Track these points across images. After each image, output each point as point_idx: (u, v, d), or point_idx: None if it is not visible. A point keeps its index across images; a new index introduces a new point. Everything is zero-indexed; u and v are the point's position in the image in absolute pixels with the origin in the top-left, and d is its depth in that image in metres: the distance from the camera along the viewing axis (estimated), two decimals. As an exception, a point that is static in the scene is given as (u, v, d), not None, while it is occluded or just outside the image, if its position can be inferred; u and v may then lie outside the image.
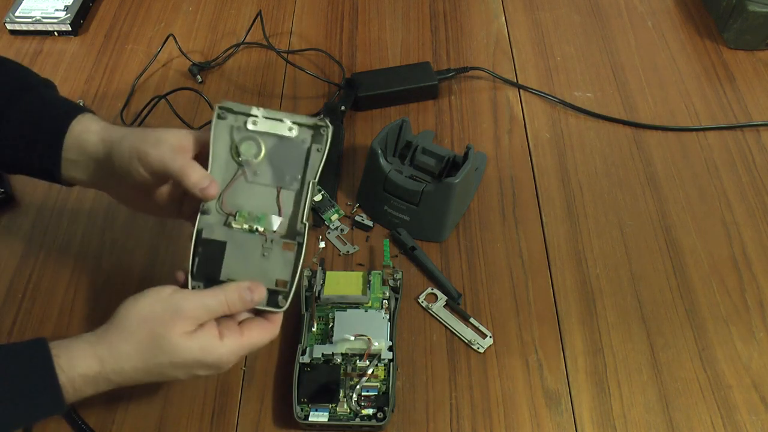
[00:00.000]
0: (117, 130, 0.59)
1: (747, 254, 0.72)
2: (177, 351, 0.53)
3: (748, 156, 0.81)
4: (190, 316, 0.53)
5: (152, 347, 0.53)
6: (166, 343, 0.52)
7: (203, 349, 0.53)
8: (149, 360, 0.53)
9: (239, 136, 0.58)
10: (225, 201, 0.58)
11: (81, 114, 0.60)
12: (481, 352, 0.66)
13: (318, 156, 0.58)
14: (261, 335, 0.56)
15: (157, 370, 0.53)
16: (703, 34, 0.95)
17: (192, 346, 0.53)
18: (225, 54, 0.93)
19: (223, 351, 0.54)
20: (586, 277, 0.71)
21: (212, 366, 0.54)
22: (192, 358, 0.53)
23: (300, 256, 0.58)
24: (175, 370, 0.54)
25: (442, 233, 0.73)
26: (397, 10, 1.00)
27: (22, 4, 0.97)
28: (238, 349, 0.55)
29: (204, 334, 0.53)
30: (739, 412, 0.62)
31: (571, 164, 0.81)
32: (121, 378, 0.53)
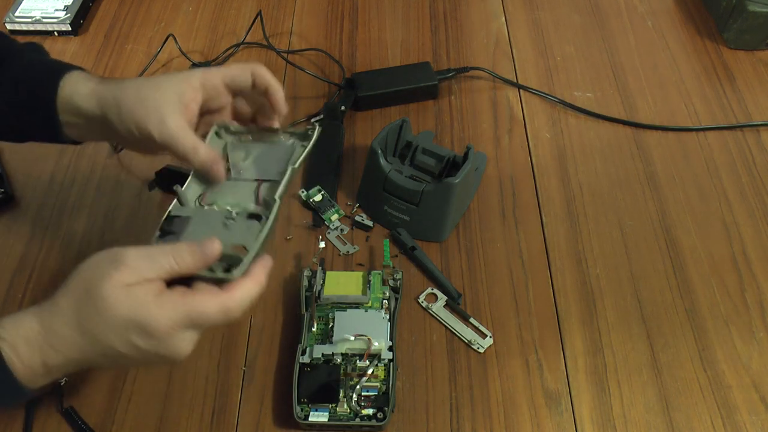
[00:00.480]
0: (108, 90, 0.57)
1: (747, 254, 0.72)
2: (106, 303, 0.47)
3: (748, 156, 0.81)
4: (129, 266, 0.47)
5: (85, 299, 0.48)
6: (97, 294, 0.47)
7: (134, 303, 0.47)
8: (80, 314, 0.48)
9: (231, 147, 0.59)
10: (205, 196, 0.58)
11: (67, 73, 0.58)
12: (481, 352, 0.66)
13: (301, 149, 0.58)
14: (207, 299, 0.48)
15: (91, 330, 0.48)
16: (703, 34, 0.95)
17: (123, 300, 0.47)
18: (225, 54, 0.93)
19: (154, 308, 0.47)
20: (586, 277, 0.71)
21: (144, 328, 0.47)
22: (121, 314, 0.47)
23: (264, 227, 0.54)
24: (107, 330, 0.47)
25: (442, 233, 0.73)
26: (397, 10, 1.00)
27: (22, 4, 0.97)
28: (175, 313, 0.47)
29: (141, 290, 0.47)
30: (739, 412, 0.62)
31: (571, 164, 0.81)
32: (60, 341, 0.48)
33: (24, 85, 0.59)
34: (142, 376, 0.64)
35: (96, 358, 0.49)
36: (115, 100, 0.56)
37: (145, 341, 0.47)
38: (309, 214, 0.76)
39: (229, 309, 0.49)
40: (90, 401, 0.63)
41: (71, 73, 0.59)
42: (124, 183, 0.79)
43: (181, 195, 0.56)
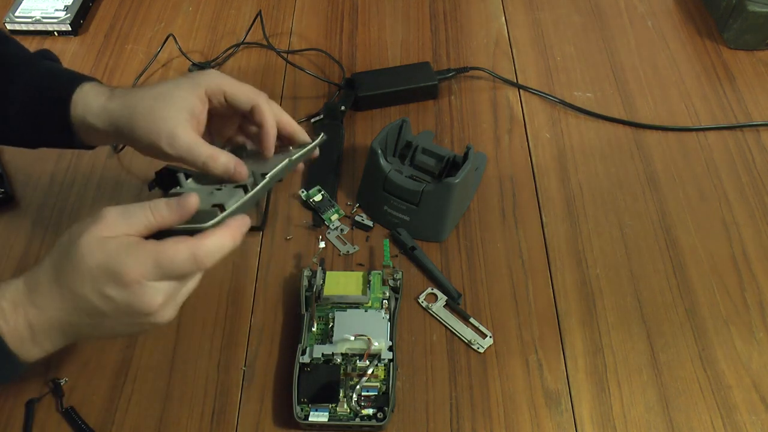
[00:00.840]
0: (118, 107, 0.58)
1: (747, 254, 0.72)
2: (81, 254, 0.48)
3: (748, 156, 0.81)
4: (107, 220, 0.49)
5: (63, 253, 0.49)
6: (75, 246, 0.48)
7: (107, 254, 0.48)
8: (59, 269, 0.49)
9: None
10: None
11: (78, 88, 0.60)
12: (481, 352, 0.66)
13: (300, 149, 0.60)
14: (176, 248, 0.48)
15: (68, 284, 0.49)
16: (703, 34, 0.95)
17: (97, 251, 0.48)
18: (225, 54, 0.93)
19: (124, 253, 0.48)
20: (586, 277, 0.71)
21: (116, 277, 0.47)
22: (95, 265, 0.48)
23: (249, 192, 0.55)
24: (82, 283, 0.48)
25: (442, 233, 0.73)
26: (397, 10, 1.00)
27: (22, 4, 0.97)
28: (144, 259, 0.48)
29: (115, 241, 0.48)
30: (739, 412, 0.62)
31: (571, 164, 0.81)
32: (41, 297, 0.49)
33: (37, 97, 0.61)
34: (142, 376, 0.64)
35: (75, 316, 0.50)
36: (125, 117, 0.57)
37: (117, 291, 0.48)
38: (309, 214, 0.76)
39: (197, 256, 0.49)
40: (90, 401, 0.63)
41: (82, 88, 0.60)
42: (124, 183, 0.79)
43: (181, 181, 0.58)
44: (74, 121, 0.60)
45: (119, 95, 0.59)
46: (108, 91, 0.60)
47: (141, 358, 0.66)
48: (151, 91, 0.58)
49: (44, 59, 0.65)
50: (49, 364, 0.65)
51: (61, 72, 0.63)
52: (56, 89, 0.61)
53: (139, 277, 0.48)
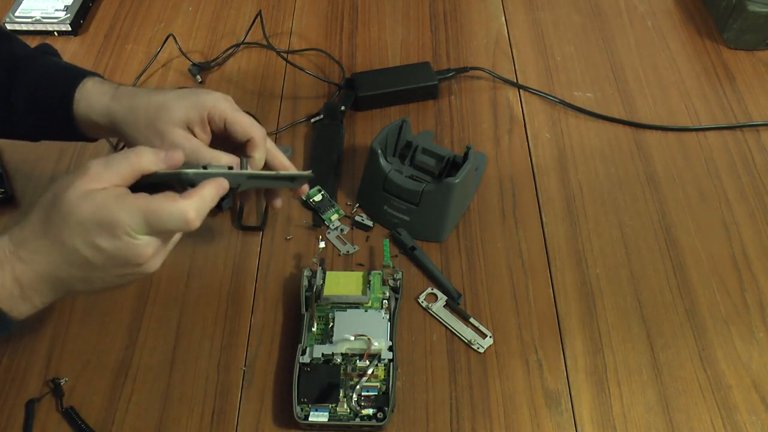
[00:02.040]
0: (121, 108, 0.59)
1: (747, 254, 0.72)
2: (70, 206, 0.48)
3: (748, 156, 0.81)
4: (91, 172, 0.49)
5: (50, 207, 0.49)
6: (63, 199, 0.49)
7: (97, 205, 0.48)
8: (47, 222, 0.49)
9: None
10: None
11: (81, 84, 0.60)
12: (481, 352, 0.66)
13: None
14: (165, 202, 0.49)
15: (57, 237, 0.49)
16: (703, 34, 0.95)
17: (86, 202, 0.48)
18: (225, 54, 0.93)
19: (115, 205, 0.48)
20: (586, 277, 0.71)
21: (106, 226, 0.48)
22: (85, 216, 0.48)
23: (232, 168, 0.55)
24: (72, 235, 0.48)
25: (442, 233, 0.73)
26: (397, 10, 1.00)
27: (22, 4, 0.97)
28: (135, 210, 0.48)
29: (103, 192, 0.49)
30: (739, 412, 0.62)
31: (571, 164, 0.81)
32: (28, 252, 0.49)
33: (40, 93, 0.62)
34: (142, 376, 0.64)
35: (64, 269, 0.50)
36: (129, 124, 0.59)
37: (107, 241, 0.48)
38: (309, 214, 0.76)
39: (184, 212, 0.50)
40: (90, 401, 0.63)
41: (84, 84, 0.61)
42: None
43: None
44: (77, 116, 0.61)
45: (122, 96, 0.60)
46: (111, 89, 0.61)
47: (141, 358, 0.66)
48: (155, 100, 0.59)
49: (45, 54, 0.65)
50: (49, 364, 0.65)
51: (63, 68, 0.64)
52: (59, 86, 0.61)
53: (129, 228, 0.48)
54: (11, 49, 0.64)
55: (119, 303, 0.69)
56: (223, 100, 0.60)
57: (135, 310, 0.69)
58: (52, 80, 0.62)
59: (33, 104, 0.62)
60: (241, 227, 0.75)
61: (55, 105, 0.61)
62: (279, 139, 0.84)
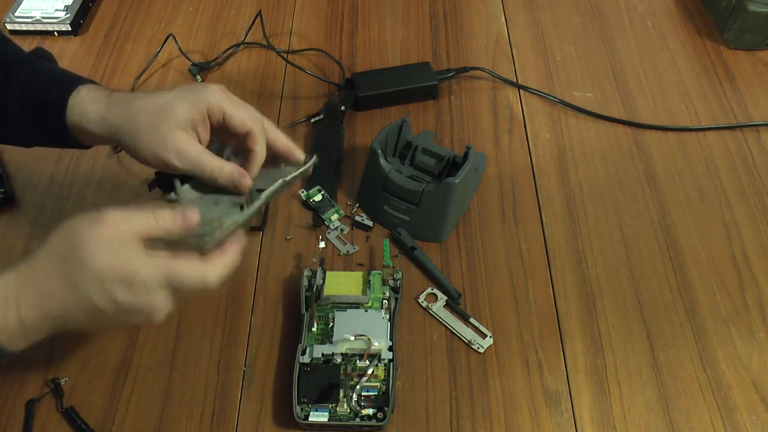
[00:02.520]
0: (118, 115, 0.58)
1: (747, 254, 0.72)
2: (88, 257, 0.48)
3: (748, 156, 0.81)
4: (110, 223, 0.49)
5: (66, 254, 0.49)
6: (79, 248, 0.49)
7: (116, 256, 0.49)
8: (62, 269, 0.49)
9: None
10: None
11: (74, 92, 0.59)
12: (481, 352, 0.66)
13: (294, 169, 0.61)
14: (186, 264, 0.51)
15: (71, 284, 0.49)
16: (703, 34, 0.95)
17: (108, 254, 0.49)
18: (225, 54, 0.93)
19: (136, 260, 0.49)
20: (586, 277, 0.71)
21: (125, 279, 0.48)
22: (103, 267, 0.48)
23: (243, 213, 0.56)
24: (88, 284, 0.49)
25: (442, 233, 0.73)
26: (397, 10, 1.00)
27: (22, 4, 0.97)
28: (157, 268, 0.49)
29: (121, 244, 0.49)
30: (739, 412, 0.62)
31: (571, 164, 0.81)
32: (37, 295, 0.49)
33: (32, 99, 0.61)
34: (142, 376, 0.64)
35: (72, 313, 0.50)
36: (127, 130, 0.57)
37: (125, 294, 0.49)
38: (309, 214, 0.76)
39: (206, 277, 0.51)
40: (90, 401, 0.63)
41: (78, 92, 0.60)
42: (124, 183, 0.79)
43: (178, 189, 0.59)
44: (70, 125, 0.60)
45: (117, 103, 0.59)
46: (105, 96, 0.60)
47: (141, 358, 0.66)
48: (153, 103, 0.58)
49: (40, 59, 0.65)
50: (49, 364, 0.65)
51: (57, 74, 0.63)
52: (52, 93, 0.60)
53: (151, 285, 0.49)
54: (5, 51, 0.64)
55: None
56: (220, 93, 0.59)
57: (135, 310, 0.69)
58: (46, 85, 0.61)
59: (26, 109, 0.61)
60: (241, 227, 0.75)
61: (48, 111, 0.60)
62: (279, 139, 0.84)
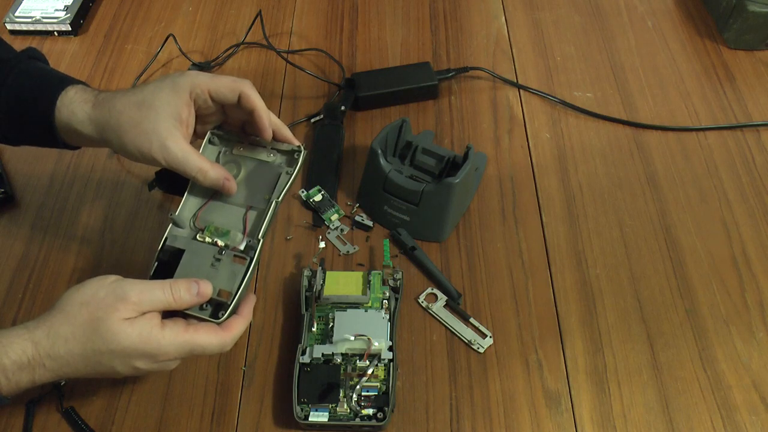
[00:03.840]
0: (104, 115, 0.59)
1: (747, 254, 0.72)
2: (115, 336, 0.51)
3: (748, 156, 0.81)
4: (132, 302, 0.52)
5: (90, 331, 0.51)
6: (105, 327, 0.51)
7: (142, 335, 0.52)
8: (86, 344, 0.51)
9: (224, 160, 0.63)
10: (199, 217, 0.61)
11: (62, 92, 0.60)
12: (481, 352, 0.66)
13: (286, 178, 0.62)
14: (208, 337, 0.55)
15: (95, 357, 0.52)
16: (703, 34, 0.95)
17: (131, 333, 0.52)
18: (225, 54, 0.93)
19: (163, 341, 0.52)
20: (586, 277, 0.71)
21: (151, 356, 0.53)
22: (130, 345, 0.52)
23: (248, 270, 0.58)
24: (112, 358, 0.52)
25: (442, 233, 0.73)
26: (397, 10, 1.00)
27: (22, 4, 0.97)
28: (179, 343, 0.53)
29: (145, 322, 0.52)
30: (739, 412, 0.62)
31: (571, 164, 0.81)
32: (57, 364, 0.52)
33: (21, 99, 0.61)
34: (142, 376, 0.64)
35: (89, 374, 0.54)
36: (113, 128, 0.58)
37: (147, 365, 0.54)
38: (309, 214, 0.76)
39: (225, 344, 0.56)
40: (90, 401, 0.63)
41: (66, 93, 0.60)
42: (124, 183, 0.80)
43: (177, 220, 0.60)
44: (59, 125, 0.60)
45: (103, 103, 0.59)
46: (93, 96, 0.60)
47: (141, 358, 0.66)
48: (134, 98, 0.58)
49: (31, 59, 0.65)
50: (49, 364, 0.65)
51: (46, 73, 0.63)
52: (41, 93, 0.61)
53: (173, 357, 0.54)
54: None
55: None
56: (197, 75, 0.60)
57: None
58: (35, 86, 0.61)
59: (14, 109, 0.61)
60: (241, 227, 0.75)
61: (36, 111, 0.60)
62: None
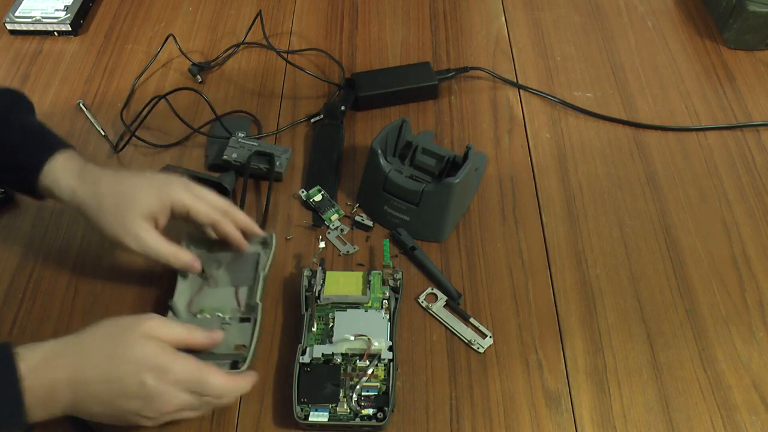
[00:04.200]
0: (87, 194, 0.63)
1: (747, 254, 0.72)
2: (136, 342, 0.55)
3: (748, 156, 0.81)
4: (154, 324, 0.57)
5: (114, 335, 0.56)
6: (130, 333, 0.55)
7: (157, 348, 0.55)
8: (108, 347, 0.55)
9: (203, 259, 0.68)
10: (193, 304, 0.67)
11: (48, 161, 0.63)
12: (481, 352, 0.66)
13: (265, 256, 0.70)
14: (220, 376, 0.57)
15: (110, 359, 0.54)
16: (703, 34, 0.95)
17: (149, 341, 0.55)
18: (225, 54, 0.93)
19: (175, 359, 0.55)
20: (586, 277, 0.71)
21: (161, 370, 0.54)
22: (147, 354, 0.54)
23: (255, 327, 0.64)
24: (125, 363, 0.54)
25: (442, 233, 0.73)
26: (397, 10, 1.00)
27: (22, 4, 0.97)
28: (190, 369, 0.56)
29: (162, 344, 0.56)
30: (739, 412, 0.62)
31: (571, 164, 0.80)
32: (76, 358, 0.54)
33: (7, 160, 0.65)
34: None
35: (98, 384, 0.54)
36: (92, 209, 0.63)
37: (153, 381, 0.54)
38: (309, 214, 0.76)
39: (227, 391, 0.58)
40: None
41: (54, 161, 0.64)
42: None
43: (174, 307, 0.66)
44: (41, 187, 0.64)
45: (88, 180, 0.63)
46: (78, 168, 0.64)
47: (141, 358, 0.66)
48: (118, 188, 0.63)
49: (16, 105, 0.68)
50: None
51: (34, 134, 0.66)
52: (29, 154, 0.64)
53: (180, 380, 0.55)
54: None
55: (119, 303, 0.69)
56: (183, 190, 0.65)
57: (135, 310, 0.69)
58: (23, 146, 0.65)
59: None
60: (241, 227, 0.75)
61: (21, 171, 0.64)
62: (279, 139, 0.84)
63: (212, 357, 0.62)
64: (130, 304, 0.69)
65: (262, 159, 0.79)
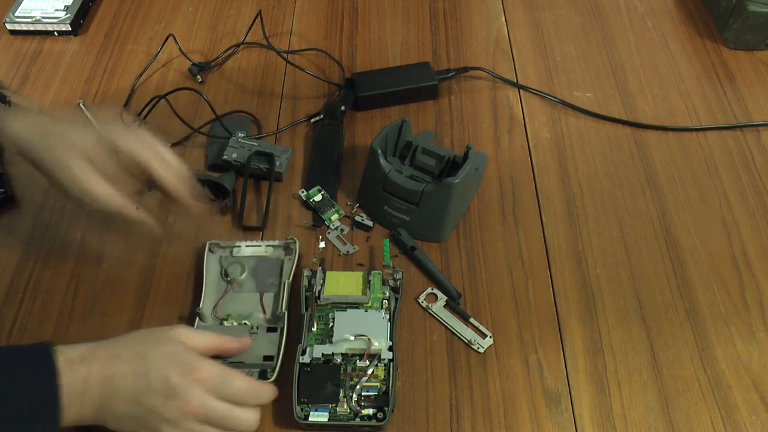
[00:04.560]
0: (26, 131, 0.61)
1: (747, 254, 0.72)
2: (169, 336, 0.57)
3: (748, 156, 0.81)
4: (185, 330, 0.59)
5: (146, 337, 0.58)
6: (160, 335, 0.57)
7: (188, 350, 0.57)
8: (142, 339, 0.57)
9: (227, 262, 0.70)
10: (218, 309, 0.67)
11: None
12: (481, 352, 0.66)
13: (289, 263, 0.70)
14: (245, 379, 0.58)
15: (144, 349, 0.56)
16: (703, 34, 0.95)
17: (180, 344, 0.57)
18: (225, 54, 0.93)
19: (200, 359, 0.56)
20: (586, 277, 0.71)
21: (188, 367, 0.55)
22: (176, 350, 0.56)
23: (282, 337, 0.65)
24: (154, 358, 0.55)
25: (442, 233, 0.73)
26: (397, 10, 1.00)
27: (22, 4, 0.97)
28: (215, 369, 0.56)
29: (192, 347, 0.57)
30: (739, 412, 0.62)
31: (571, 164, 0.81)
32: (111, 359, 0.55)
33: None
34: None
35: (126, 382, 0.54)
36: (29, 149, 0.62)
37: (178, 377, 0.55)
38: (309, 214, 0.76)
39: (250, 395, 0.58)
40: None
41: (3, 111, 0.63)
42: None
43: (201, 313, 0.66)
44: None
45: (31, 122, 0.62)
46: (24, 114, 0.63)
47: (141, 358, 0.66)
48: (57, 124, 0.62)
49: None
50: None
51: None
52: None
53: (203, 378, 0.55)
54: None
55: (119, 303, 0.69)
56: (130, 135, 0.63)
57: (135, 310, 0.69)
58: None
59: None
60: (241, 227, 0.75)
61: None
62: (279, 139, 0.84)
63: (241, 366, 0.62)
64: (130, 302, 0.69)
65: (262, 159, 0.79)
